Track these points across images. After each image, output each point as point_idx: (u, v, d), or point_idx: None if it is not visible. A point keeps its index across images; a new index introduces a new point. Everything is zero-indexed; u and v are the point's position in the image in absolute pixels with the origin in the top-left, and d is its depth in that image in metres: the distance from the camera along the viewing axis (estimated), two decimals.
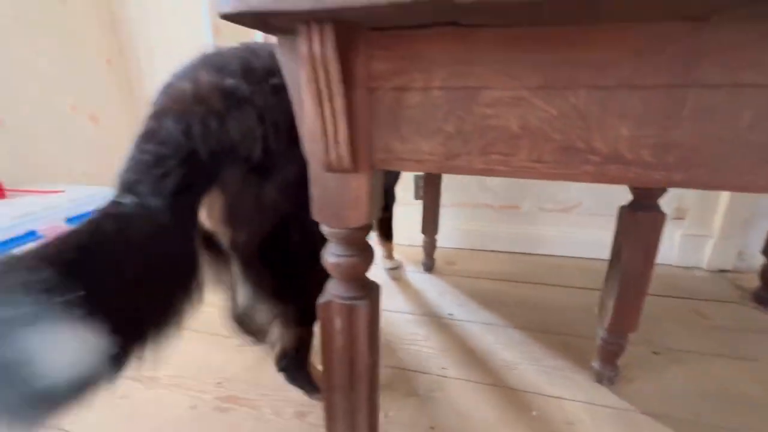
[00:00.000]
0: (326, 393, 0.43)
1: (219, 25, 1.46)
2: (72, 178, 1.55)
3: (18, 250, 0.32)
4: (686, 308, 1.07)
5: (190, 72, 0.47)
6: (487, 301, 1.13)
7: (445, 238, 1.45)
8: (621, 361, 0.78)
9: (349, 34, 0.27)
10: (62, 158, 1.51)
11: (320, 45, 0.26)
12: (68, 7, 1.49)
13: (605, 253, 0.79)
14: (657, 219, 0.65)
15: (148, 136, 0.43)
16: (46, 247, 0.33)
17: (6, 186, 1.21)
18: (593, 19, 0.23)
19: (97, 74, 1.63)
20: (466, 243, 1.50)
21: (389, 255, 1.30)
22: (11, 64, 1.33)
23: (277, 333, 0.63)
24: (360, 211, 0.33)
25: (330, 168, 0.32)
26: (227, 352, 0.91)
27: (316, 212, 0.35)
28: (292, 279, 0.54)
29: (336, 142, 0.30)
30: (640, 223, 0.65)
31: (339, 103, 0.28)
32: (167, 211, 0.40)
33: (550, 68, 0.26)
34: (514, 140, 0.28)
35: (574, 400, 0.75)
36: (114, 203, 0.40)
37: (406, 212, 1.44)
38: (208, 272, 0.51)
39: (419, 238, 1.32)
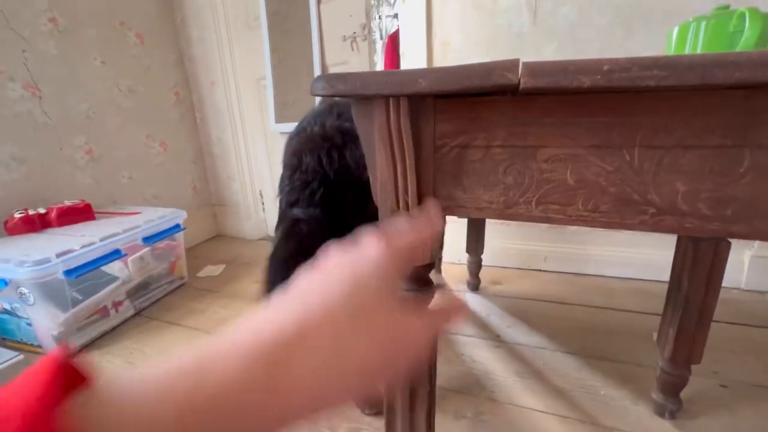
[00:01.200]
0: (387, 414, 0.46)
1: (275, 58, 1.58)
2: (144, 200, 1.73)
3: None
4: (759, 338, 0.99)
5: (320, 117, 0.63)
6: (536, 323, 1.11)
7: (490, 256, 1.45)
8: (685, 394, 0.75)
9: (419, 102, 0.31)
10: (137, 182, 1.69)
11: (396, 114, 0.30)
12: (145, 47, 1.69)
13: (661, 274, 0.76)
14: (721, 246, 0.62)
15: (294, 170, 0.62)
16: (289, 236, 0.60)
17: (94, 208, 1.37)
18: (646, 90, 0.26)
19: (166, 105, 1.81)
20: (513, 262, 1.49)
21: (437, 269, 1.32)
22: (99, 101, 1.52)
23: None
24: (423, 252, 0.37)
25: (398, 214, 0.36)
26: None
27: None
28: None
29: (405, 192, 0.34)
30: (702, 250, 0.63)
31: (409, 160, 0.33)
32: (322, 214, 0.59)
33: (604, 130, 0.28)
34: (571, 192, 0.31)
35: None
36: (288, 213, 0.62)
37: (451, 230, 1.46)
38: None
39: (464, 256, 1.33)
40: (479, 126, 0.32)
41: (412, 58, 1.55)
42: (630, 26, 1.22)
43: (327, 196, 0.59)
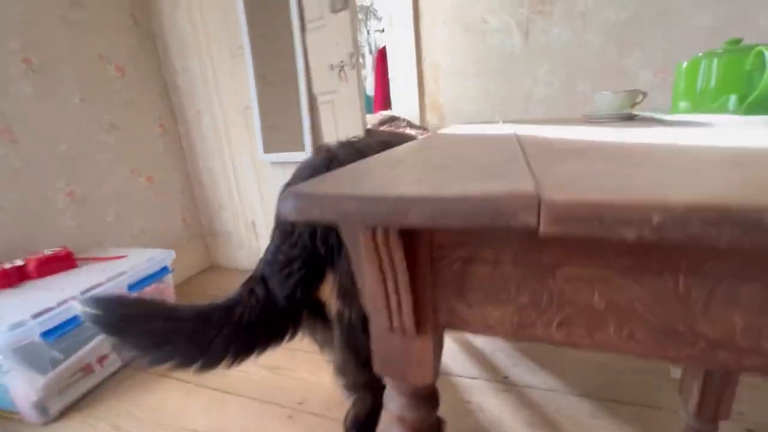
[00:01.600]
0: None
1: (261, 87, 1.53)
2: (132, 237, 1.66)
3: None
4: None
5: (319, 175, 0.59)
6: (544, 360, 1.06)
7: None
8: None
9: None
10: (123, 219, 1.63)
11: (384, 238, 0.25)
12: (126, 80, 1.64)
13: None
14: None
15: (285, 237, 0.56)
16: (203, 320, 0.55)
17: (74, 251, 1.31)
18: None
19: (152, 138, 1.76)
20: None
21: None
22: (79, 140, 1.46)
23: (356, 397, 0.69)
24: (425, 371, 0.31)
25: (393, 331, 0.30)
26: (281, 424, 0.91)
27: (379, 367, 0.33)
28: None
29: (399, 311, 0.29)
30: None
31: (402, 279, 0.27)
32: (285, 300, 0.57)
33: (640, 250, 0.23)
34: (599, 317, 0.25)
35: None
36: (248, 290, 0.58)
37: None
38: (316, 333, 0.66)
39: None
40: (484, 239, 0.27)
41: (401, 82, 1.50)
42: (625, 45, 1.18)
43: (303, 282, 0.57)
